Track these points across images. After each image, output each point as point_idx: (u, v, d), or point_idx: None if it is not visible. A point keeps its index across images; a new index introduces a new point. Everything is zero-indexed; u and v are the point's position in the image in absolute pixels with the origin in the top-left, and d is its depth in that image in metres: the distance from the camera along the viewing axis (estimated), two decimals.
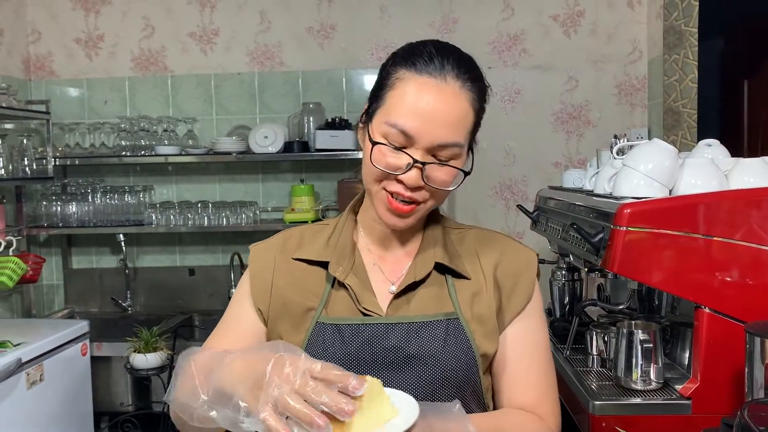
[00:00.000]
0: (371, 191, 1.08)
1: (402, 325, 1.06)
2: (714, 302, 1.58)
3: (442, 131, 1.01)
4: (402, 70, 1.04)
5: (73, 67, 3.35)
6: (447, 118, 1.01)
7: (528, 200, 3.18)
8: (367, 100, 1.11)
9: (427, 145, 1.01)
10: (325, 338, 1.07)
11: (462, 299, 1.10)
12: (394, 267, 1.14)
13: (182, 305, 3.31)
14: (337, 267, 1.11)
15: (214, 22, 3.30)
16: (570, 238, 1.89)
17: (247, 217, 3.13)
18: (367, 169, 1.07)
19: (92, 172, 3.34)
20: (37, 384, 2.28)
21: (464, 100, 1.04)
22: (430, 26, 3.21)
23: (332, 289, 1.11)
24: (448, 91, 1.02)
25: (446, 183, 1.05)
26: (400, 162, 1.02)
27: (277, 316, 1.13)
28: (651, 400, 1.63)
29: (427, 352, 1.05)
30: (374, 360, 1.05)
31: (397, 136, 1.02)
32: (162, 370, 2.57)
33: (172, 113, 3.32)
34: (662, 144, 1.68)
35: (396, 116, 1.01)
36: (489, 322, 1.10)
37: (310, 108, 3.16)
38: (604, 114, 3.21)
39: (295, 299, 1.12)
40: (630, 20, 3.18)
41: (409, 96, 1.01)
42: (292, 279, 1.14)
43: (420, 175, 1.02)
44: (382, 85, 1.06)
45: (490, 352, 1.10)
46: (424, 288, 1.10)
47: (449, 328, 1.07)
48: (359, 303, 1.08)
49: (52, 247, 3.38)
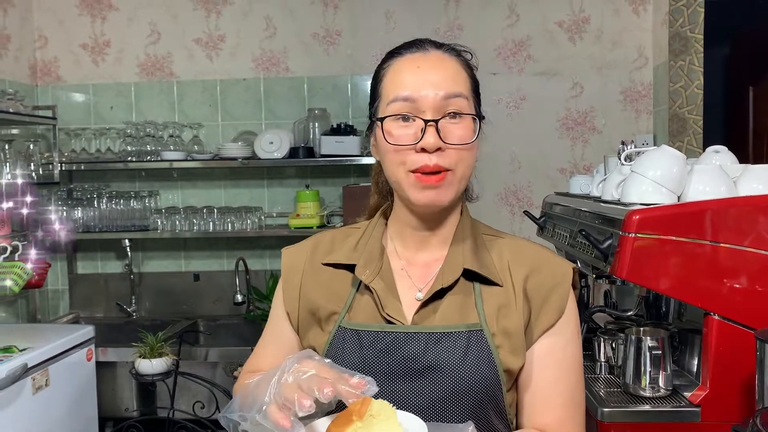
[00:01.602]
0: (399, 182, 1.05)
1: (422, 334, 1.04)
2: (723, 309, 1.58)
3: (441, 84, 1.03)
4: (387, 61, 1.09)
5: (80, 73, 3.36)
6: (441, 74, 1.04)
7: (533, 206, 3.18)
8: (369, 113, 1.13)
9: (431, 104, 1.02)
10: (344, 343, 1.06)
11: (488, 310, 1.06)
12: (422, 272, 1.11)
13: (187, 311, 3.31)
14: (364, 270, 1.09)
15: (219, 28, 3.31)
16: (578, 244, 1.88)
17: (252, 223, 3.13)
18: (387, 160, 1.06)
19: (98, 177, 3.34)
20: (43, 389, 2.28)
21: (451, 60, 1.07)
22: (435, 32, 3.22)
23: (357, 293, 1.10)
24: (432, 56, 1.07)
25: (464, 137, 1.03)
26: (413, 130, 1.03)
27: (305, 321, 1.13)
28: (660, 408, 1.62)
29: (445, 364, 1.02)
30: (390, 368, 1.03)
31: (401, 107, 1.03)
32: (167, 375, 2.56)
33: (178, 119, 3.33)
34: (671, 150, 1.68)
35: (394, 92, 1.04)
36: (516, 336, 1.05)
37: (316, 114, 3.16)
38: (609, 120, 3.21)
39: (321, 303, 1.11)
40: (635, 27, 3.18)
41: (399, 72, 1.06)
42: (319, 283, 1.13)
43: (437, 135, 1.01)
44: (375, 84, 1.11)
45: (515, 368, 1.05)
46: (452, 295, 1.07)
47: (471, 340, 1.03)
48: (383, 308, 1.06)
49: (57, 252, 3.38)
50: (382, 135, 1.05)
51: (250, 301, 3.17)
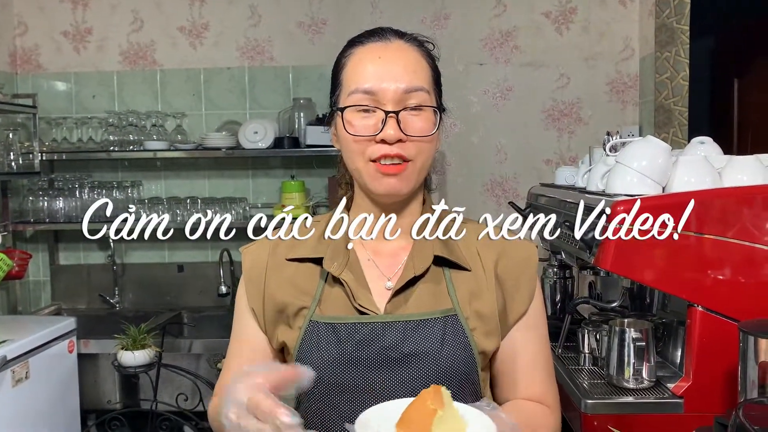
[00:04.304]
0: (359, 170, 1.07)
1: (398, 323, 1.05)
2: (707, 300, 1.58)
3: (401, 77, 1.04)
4: (348, 50, 1.10)
5: (61, 61, 3.31)
6: (402, 66, 1.05)
7: (519, 197, 3.17)
8: (329, 101, 1.13)
9: (392, 97, 1.03)
10: (319, 337, 1.05)
11: (461, 295, 1.08)
12: (389, 262, 1.11)
13: (171, 302, 3.28)
14: (331, 263, 1.09)
15: (203, 16, 3.27)
16: (562, 235, 1.87)
17: (236, 214, 3.10)
18: (347, 149, 1.07)
19: (80, 167, 3.29)
20: (23, 382, 2.25)
21: (413, 51, 1.08)
22: (421, 22, 3.19)
23: (326, 285, 1.09)
24: (394, 46, 1.07)
25: (424, 129, 1.05)
26: (373, 121, 1.03)
27: (271, 319, 1.12)
28: (643, 399, 1.62)
29: (425, 350, 1.03)
30: (371, 359, 1.04)
31: (362, 99, 1.04)
32: (150, 367, 2.53)
33: (161, 108, 3.28)
34: (656, 141, 1.67)
35: (354, 83, 1.05)
36: (490, 320, 1.08)
37: (301, 103, 3.13)
38: (595, 111, 3.20)
39: (288, 300, 1.10)
40: (622, 18, 3.17)
41: (361, 62, 1.06)
42: (283, 279, 1.12)
43: (397, 126, 1.02)
44: (336, 72, 1.11)
45: (490, 349, 1.08)
46: (423, 283, 1.08)
47: (447, 326, 1.05)
48: (354, 300, 1.06)
49: (38, 243, 3.34)
50: (342, 125, 1.06)
51: (234, 292, 3.15)
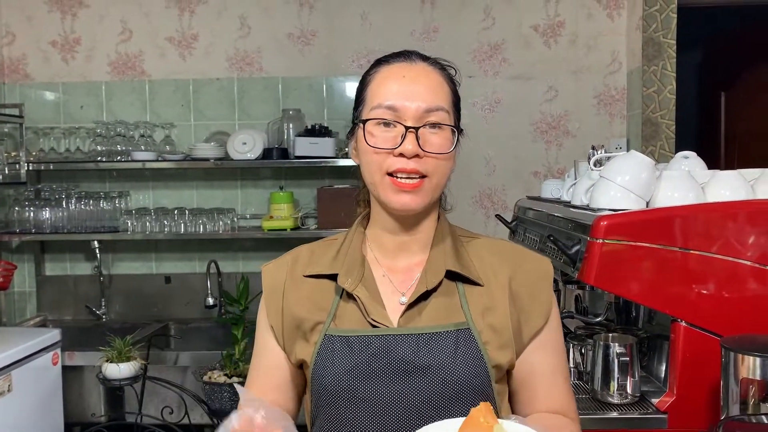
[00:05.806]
0: (376, 184, 1.09)
1: (411, 336, 1.07)
2: (690, 316, 1.58)
3: (423, 96, 1.07)
4: (374, 68, 1.14)
5: (49, 71, 3.30)
6: (425, 85, 1.09)
7: (507, 209, 3.18)
8: (352, 116, 1.16)
9: (413, 114, 1.06)
10: (334, 350, 1.08)
11: (474, 309, 1.10)
12: (404, 277, 1.14)
13: (158, 314, 3.26)
14: (346, 279, 1.12)
15: (193, 26, 3.27)
16: (547, 249, 1.88)
17: (224, 225, 3.10)
18: (365, 162, 1.10)
19: (67, 178, 3.28)
20: (5, 395, 2.23)
21: (436, 74, 1.12)
22: (411, 34, 3.20)
23: (341, 301, 1.12)
24: (418, 68, 1.11)
25: (442, 146, 1.07)
26: (393, 134, 1.06)
27: (290, 334, 1.15)
28: (627, 414, 1.61)
29: (438, 363, 1.05)
30: (384, 371, 1.06)
31: (384, 113, 1.07)
32: (135, 380, 2.51)
33: (150, 118, 3.28)
34: (639, 156, 1.68)
35: (378, 99, 1.09)
36: (504, 333, 1.09)
37: (290, 114, 3.13)
38: (583, 124, 3.22)
39: (305, 315, 1.13)
40: (610, 31, 3.19)
41: (386, 80, 1.10)
42: (301, 296, 1.15)
43: (416, 141, 1.05)
44: (361, 89, 1.15)
45: (504, 363, 1.09)
46: (436, 297, 1.11)
47: (459, 339, 1.07)
48: (368, 315, 1.09)
49: (24, 253, 3.32)
50: (363, 136, 1.08)
51: (221, 304, 3.13)
